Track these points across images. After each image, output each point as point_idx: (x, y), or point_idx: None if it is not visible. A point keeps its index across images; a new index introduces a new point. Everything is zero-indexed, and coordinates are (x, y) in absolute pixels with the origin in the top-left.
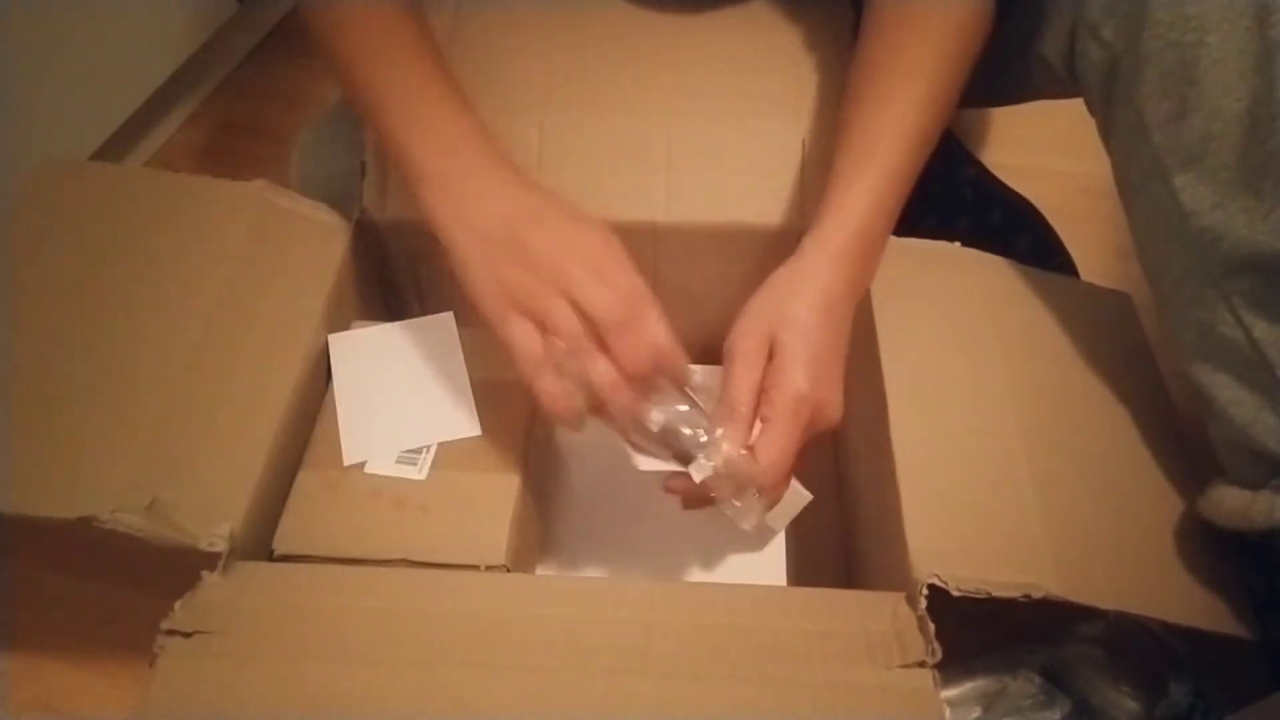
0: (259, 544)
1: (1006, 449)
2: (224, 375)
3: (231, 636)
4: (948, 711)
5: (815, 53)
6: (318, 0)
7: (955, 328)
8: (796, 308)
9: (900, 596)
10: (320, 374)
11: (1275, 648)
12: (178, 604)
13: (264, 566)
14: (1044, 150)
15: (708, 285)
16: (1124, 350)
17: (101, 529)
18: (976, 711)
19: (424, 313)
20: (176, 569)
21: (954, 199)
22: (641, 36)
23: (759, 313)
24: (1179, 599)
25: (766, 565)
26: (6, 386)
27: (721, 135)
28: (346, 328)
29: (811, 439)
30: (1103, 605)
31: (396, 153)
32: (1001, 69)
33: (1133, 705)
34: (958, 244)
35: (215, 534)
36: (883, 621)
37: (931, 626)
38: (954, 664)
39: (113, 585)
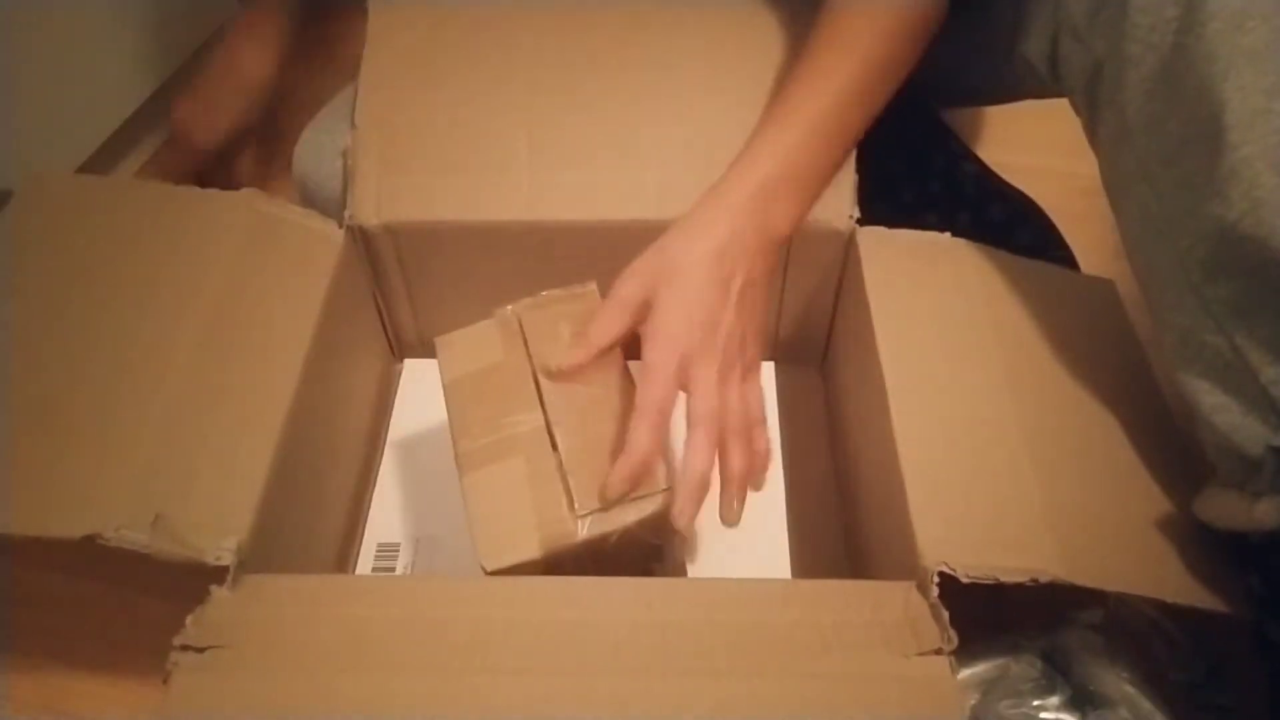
0: (266, 556)
1: (1006, 436)
2: (222, 386)
3: (244, 650)
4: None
5: (803, 47)
6: None
7: (950, 317)
8: (681, 259)
9: (910, 585)
10: (317, 380)
11: (1275, 648)
12: (189, 619)
13: (272, 579)
14: (1044, 150)
15: None
16: (1111, 336)
17: (107, 546)
18: (975, 697)
19: (416, 318)
20: (183, 580)
21: (954, 195)
22: (629, 32)
23: (644, 262)
24: (1179, 580)
25: (769, 559)
26: (3, 405)
27: (711, 131)
28: (341, 334)
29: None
30: (1107, 588)
31: None
32: (987, 70)
33: (1131, 690)
34: (947, 234)
35: (222, 548)
36: (895, 611)
37: (945, 614)
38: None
39: (115, 587)
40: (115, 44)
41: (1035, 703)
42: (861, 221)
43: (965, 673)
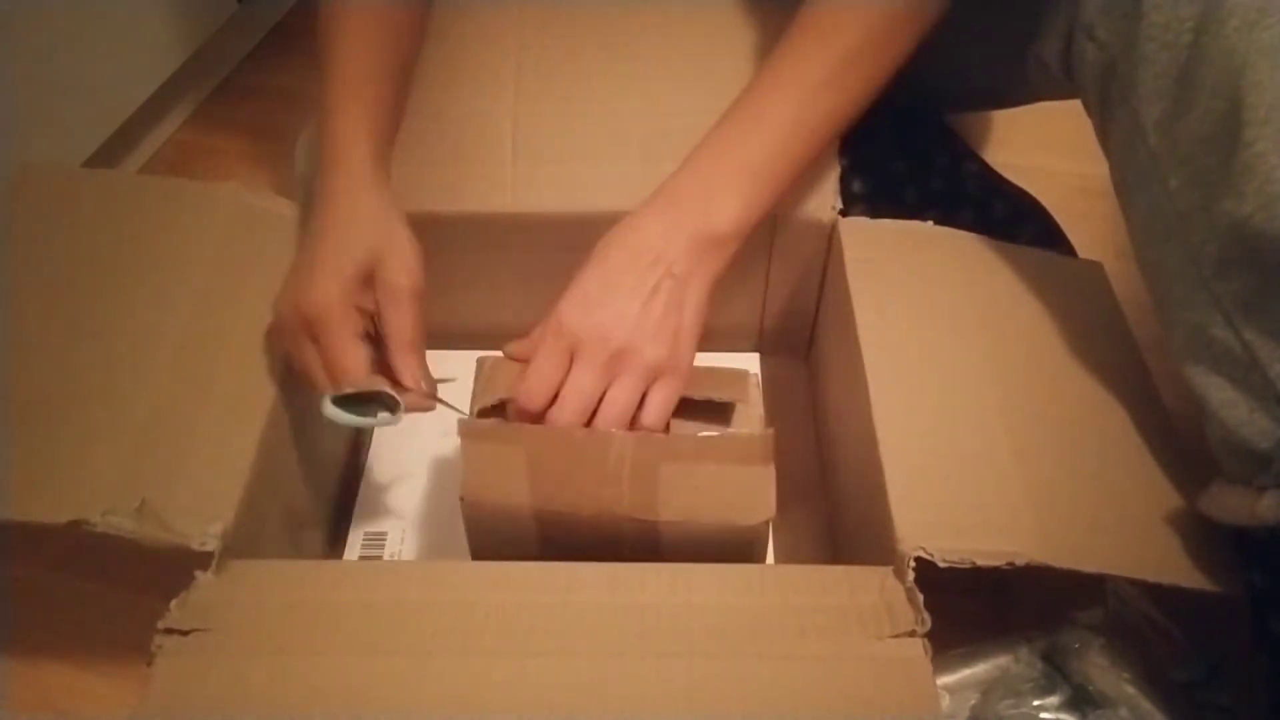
0: (252, 542)
1: (986, 422)
2: (208, 375)
3: (228, 634)
4: (946, 698)
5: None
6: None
7: (932, 304)
8: (606, 248)
9: (888, 570)
10: None
11: (1276, 642)
12: (173, 603)
13: (256, 564)
14: (1044, 150)
15: None
16: (1098, 320)
17: (93, 532)
18: (975, 697)
19: None
20: (172, 568)
21: (957, 193)
22: (614, 25)
23: (570, 318)
24: (1161, 561)
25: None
26: None
27: (696, 125)
28: None
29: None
30: (1085, 569)
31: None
32: (1000, 71)
33: (1131, 690)
34: (929, 222)
35: (207, 533)
36: (871, 595)
37: (920, 596)
38: (954, 651)
39: (112, 586)
40: (128, 32)
41: (1035, 703)
42: (844, 213)
43: (965, 673)
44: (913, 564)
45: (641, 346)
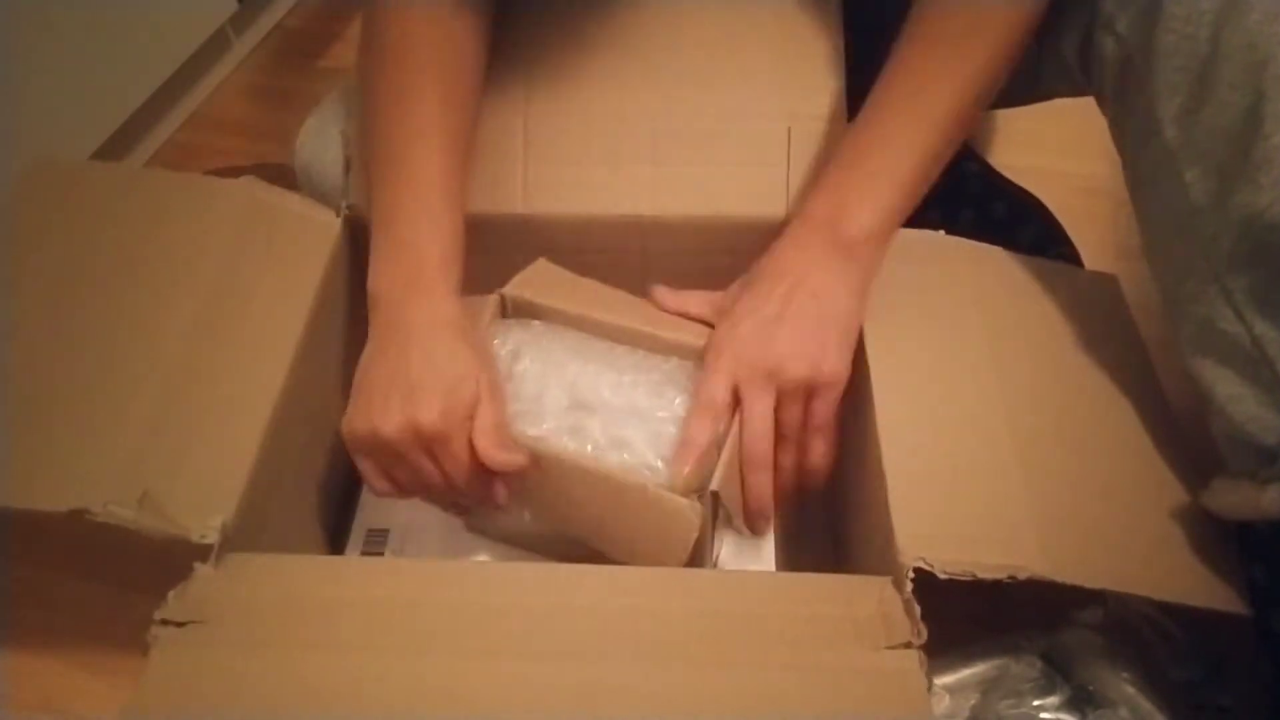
0: (254, 537)
1: (992, 433)
2: (215, 369)
3: (224, 626)
4: (946, 698)
5: (802, 42)
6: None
7: (939, 314)
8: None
9: (886, 580)
10: (309, 366)
11: (1276, 641)
12: (171, 594)
13: (256, 558)
14: (1044, 150)
15: (695, 278)
16: (1109, 332)
17: (94, 522)
18: (975, 697)
19: None
20: (172, 565)
21: (958, 193)
22: (627, 23)
23: (725, 349)
24: (1166, 577)
25: (755, 555)
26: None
27: (707, 127)
28: (336, 321)
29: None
30: (1089, 584)
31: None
32: (1016, 70)
33: (1131, 690)
34: (941, 231)
35: (207, 526)
36: (869, 605)
37: (917, 608)
38: (953, 651)
39: (113, 586)
40: (129, 32)
41: (1035, 703)
42: None
43: (965, 672)
44: (911, 575)
45: (788, 368)
